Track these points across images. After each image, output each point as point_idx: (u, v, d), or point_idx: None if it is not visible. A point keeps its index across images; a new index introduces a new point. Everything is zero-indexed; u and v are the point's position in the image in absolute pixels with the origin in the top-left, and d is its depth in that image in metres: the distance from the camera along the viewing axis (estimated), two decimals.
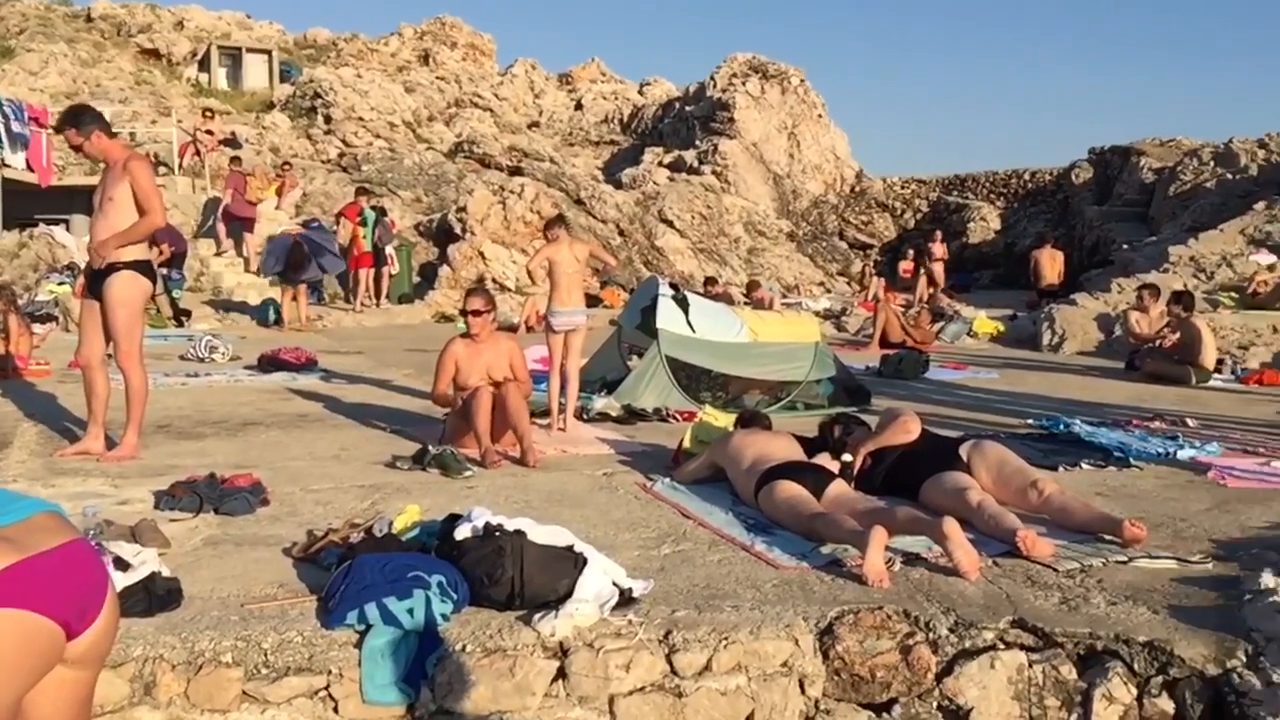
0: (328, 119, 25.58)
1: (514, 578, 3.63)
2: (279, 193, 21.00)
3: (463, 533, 3.83)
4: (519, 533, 3.77)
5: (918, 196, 29.41)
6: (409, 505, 4.59)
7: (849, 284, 24.22)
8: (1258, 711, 3.18)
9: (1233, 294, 14.50)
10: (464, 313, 6.81)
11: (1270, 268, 14.96)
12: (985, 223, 26.93)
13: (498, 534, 3.76)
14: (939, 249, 21.91)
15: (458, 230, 20.06)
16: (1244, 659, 3.36)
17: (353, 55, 31.98)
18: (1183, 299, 11.22)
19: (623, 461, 6.39)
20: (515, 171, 23.67)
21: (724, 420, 6.31)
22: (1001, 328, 15.35)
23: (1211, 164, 22.03)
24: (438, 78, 31.11)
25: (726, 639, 3.52)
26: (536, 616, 3.54)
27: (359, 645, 3.40)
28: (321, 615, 3.57)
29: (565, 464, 6.32)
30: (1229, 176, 21.18)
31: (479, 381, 6.47)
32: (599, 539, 4.53)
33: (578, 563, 3.76)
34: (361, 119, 25.64)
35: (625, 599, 3.73)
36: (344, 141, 25.07)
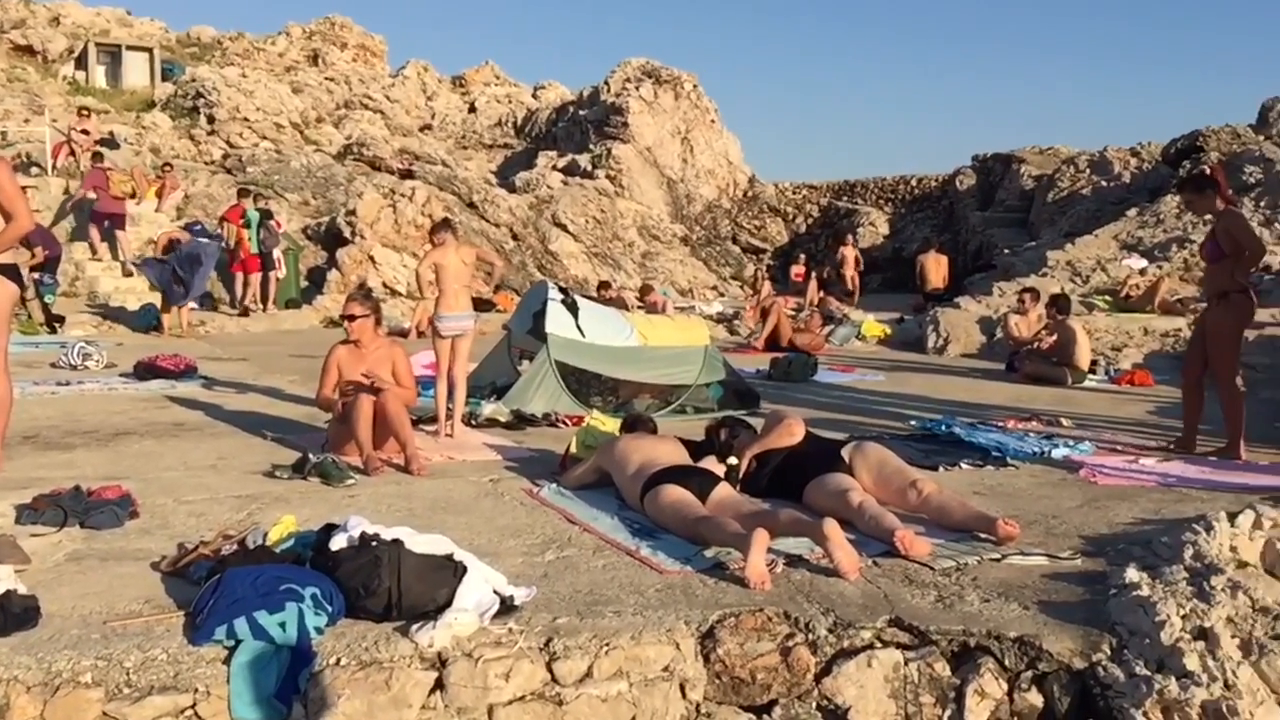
0: (211, 119, 24.91)
1: (391, 588, 3.55)
2: (159, 194, 20.37)
3: (338, 543, 3.74)
4: (396, 542, 3.70)
5: (809, 202, 29.88)
6: (285, 516, 4.47)
7: (742, 288, 24.46)
8: (1121, 703, 3.28)
9: (1107, 297, 15.02)
10: (343, 318, 6.70)
11: (1141, 272, 15.54)
12: (874, 228, 27.47)
13: (374, 544, 3.68)
14: (851, 252, 22.23)
15: (347, 234, 19.70)
16: (1108, 652, 3.46)
17: (238, 54, 31.23)
18: (1058, 302, 11.57)
19: (510, 467, 6.33)
20: (406, 174, 23.36)
21: (610, 425, 6.30)
22: (889, 331, 15.64)
23: (1088, 172, 22.82)
24: (327, 78, 30.55)
25: (608, 645, 3.50)
26: (414, 627, 3.47)
27: (228, 662, 3.30)
28: (189, 631, 3.45)
29: (451, 471, 6.23)
30: (1104, 184, 21.97)
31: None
32: (482, 546, 4.48)
33: (457, 571, 3.70)
34: (247, 119, 25.03)
35: (506, 607, 3.69)
36: (228, 142, 24.43)
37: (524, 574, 4.14)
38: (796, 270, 23.20)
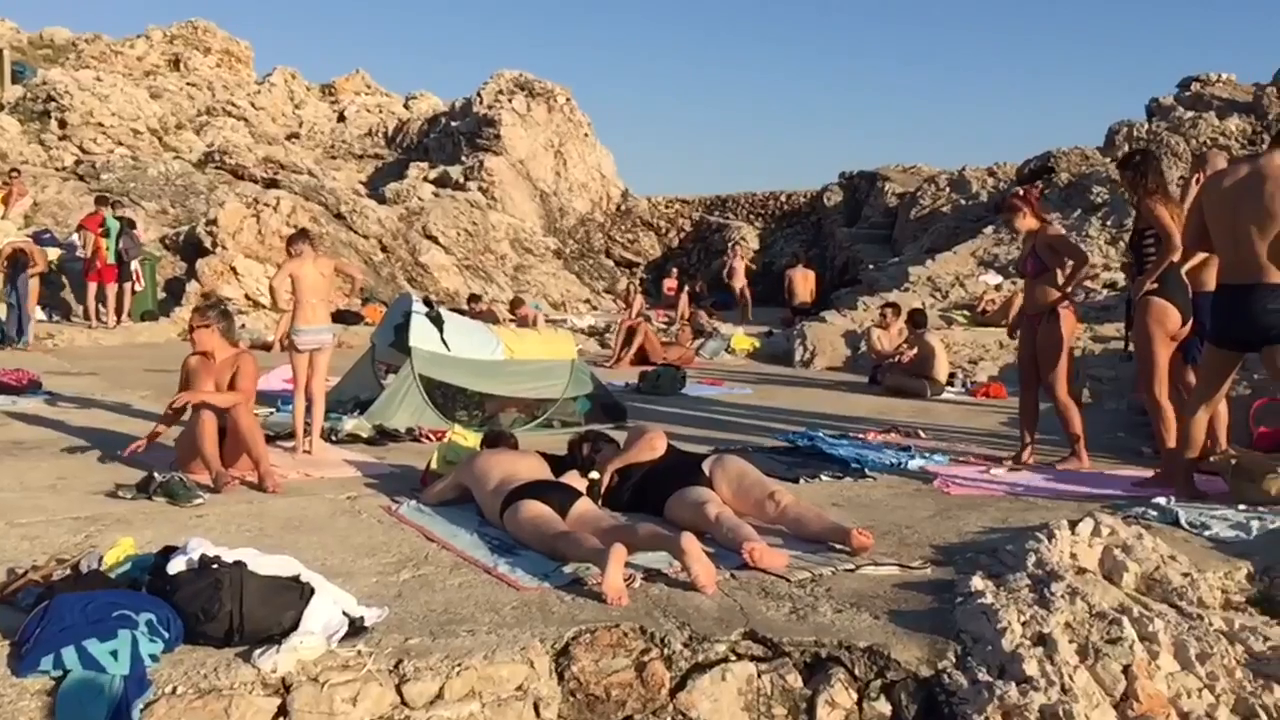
0: (63, 123, 23.89)
1: (232, 612, 3.42)
2: (5, 202, 19.41)
3: (176, 566, 3.58)
4: (239, 564, 3.56)
5: (681, 216, 30.15)
6: (124, 538, 4.28)
7: (615, 301, 24.53)
8: (965, 709, 3.35)
9: (965, 312, 15.52)
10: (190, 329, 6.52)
11: (997, 287, 16.11)
12: (745, 242, 27.84)
13: (215, 566, 3.54)
14: (741, 264, 22.26)
15: (207, 244, 19.10)
16: (953, 659, 3.54)
17: (94, 57, 30.08)
18: (914, 317, 11.91)
19: (369, 484, 6.19)
20: (271, 184, 22.78)
21: (472, 440, 6.23)
22: (758, 344, 15.87)
23: (948, 190, 23.57)
24: (188, 84, 29.65)
25: (460, 665, 3.43)
26: (257, 652, 3.35)
27: (54, 693, 3.12)
28: (12, 662, 3.26)
29: (307, 488, 6.07)
30: (962, 202, 22.72)
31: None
32: (335, 566, 4.37)
33: (304, 593, 3.58)
34: (101, 124, 24.08)
35: (356, 629, 3.59)
36: (81, 148, 23.46)
37: (377, 594, 4.05)
38: (669, 284, 23.38)
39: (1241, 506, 5.30)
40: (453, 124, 29.23)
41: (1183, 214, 6.14)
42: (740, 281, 22.30)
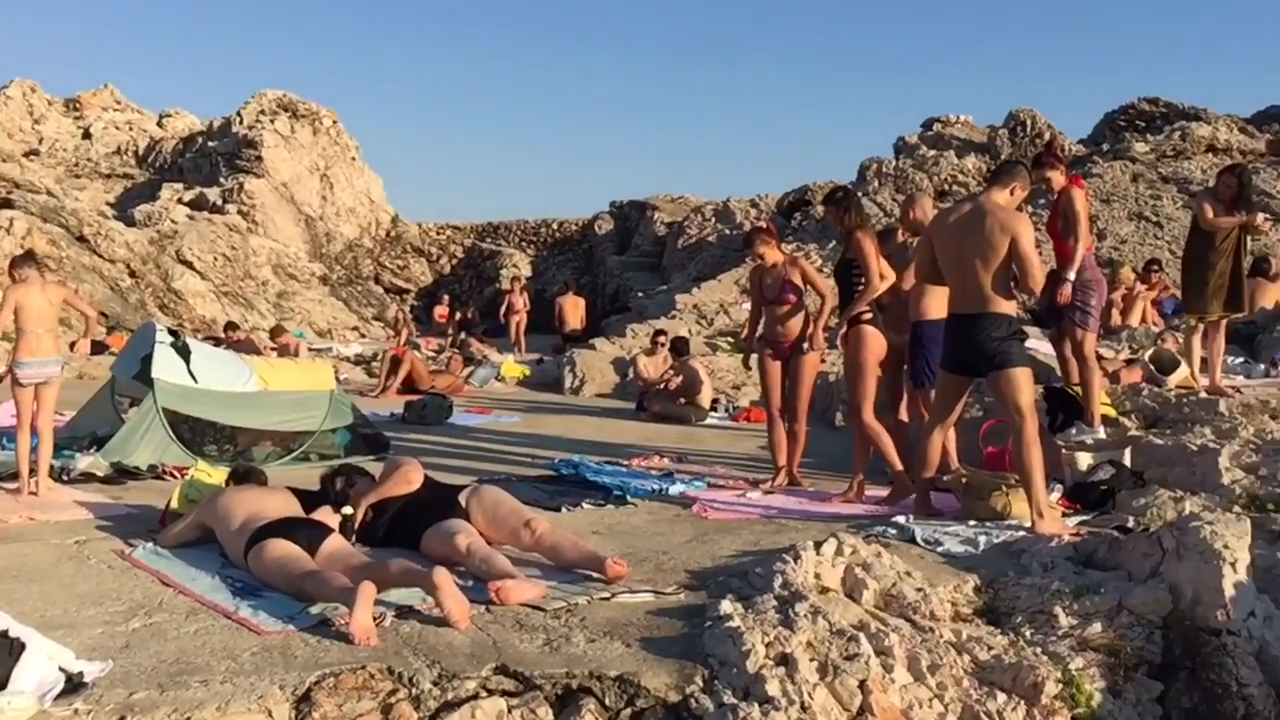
0: None
1: None
2: None
3: None
4: None
5: (453, 242, 29.93)
6: None
7: (384, 329, 24.03)
8: None
9: (729, 339, 15.98)
10: None
11: None
12: (517, 269, 27.87)
13: None
14: (521, 300, 21.58)
15: None
16: (701, 684, 3.59)
17: None
18: (676, 344, 12.18)
19: (102, 526, 5.78)
20: (4, 204, 21.15)
21: (217, 476, 5.92)
22: (528, 372, 15.83)
23: (713, 220, 24.35)
24: None
25: (189, 719, 3.23)
26: None
27: None
28: None
29: (30, 533, 5.61)
30: (727, 231, 23.50)
31: None
32: (55, 618, 4.06)
33: (13, 649, 3.30)
34: None
35: (74, 685, 3.33)
36: None
37: (102, 646, 3.77)
38: (440, 311, 23.09)
39: (971, 523, 5.64)
40: (210, 144, 27.99)
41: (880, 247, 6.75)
42: (517, 318, 21.87)
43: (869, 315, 6.74)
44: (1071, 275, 7.11)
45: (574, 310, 20.68)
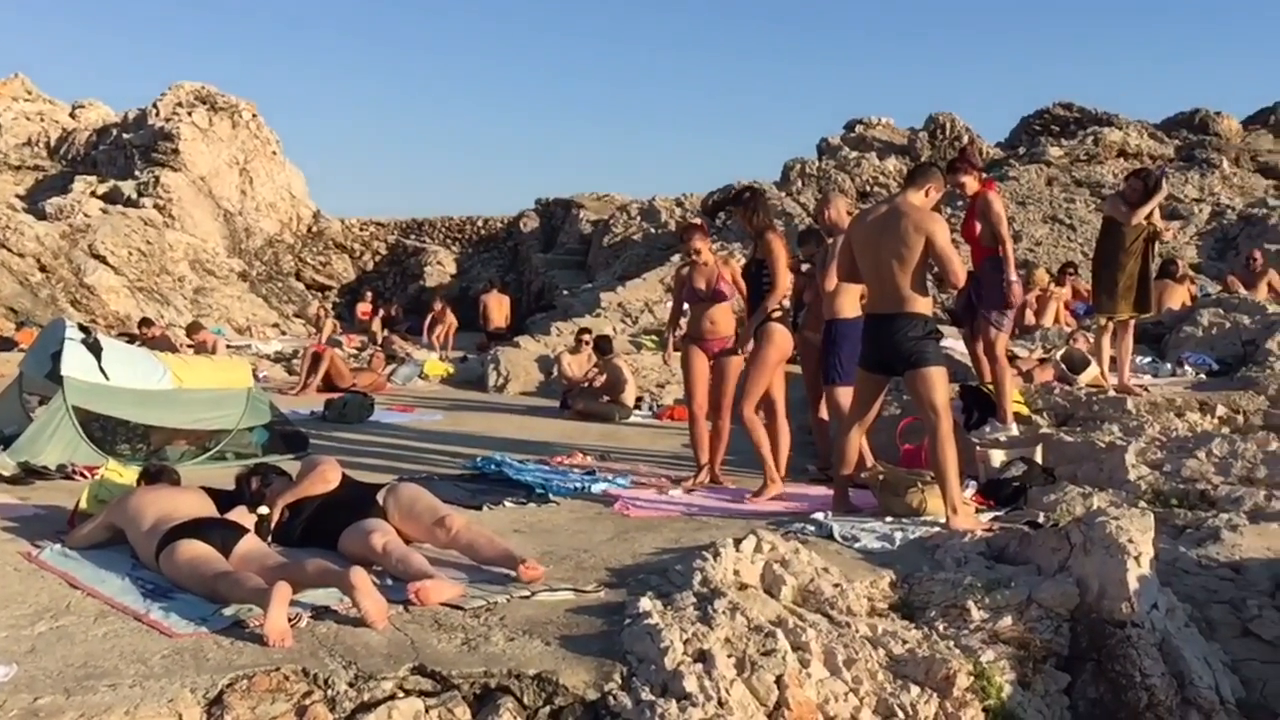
0: None
1: None
2: None
3: None
4: None
5: (376, 239, 29.58)
6: None
7: (305, 326, 23.66)
8: None
9: (654, 337, 16.01)
10: None
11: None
12: (441, 267, 27.66)
13: None
14: (449, 315, 20.78)
15: None
16: (619, 681, 3.60)
17: None
18: (599, 343, 12.20)
19: (7, 528, 5.59)
20: None
21: (128, 476, 5.79)
22: (452, 370, 15.71)
23: (639, 219, 24.38)
24: None
25: None
26: None
27: None
28: None
29: None
30: (653, 230, 23.55)
31: None
32: None
33: None
34: None
35: None
36: None
37: (6, 650, 3.69)
38: (363, 308, 22.79)
39: (888, 519, 5.73)
40: (125, 136, 27.30)
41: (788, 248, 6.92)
42: (446, 328, 21.19)
43: (778, 314, 6.87)
44: (1013, 276, 7.36)
45: (498, 308, 20.57)
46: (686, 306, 7.37)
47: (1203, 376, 9.53)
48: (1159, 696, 4.07)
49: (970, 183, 7.52)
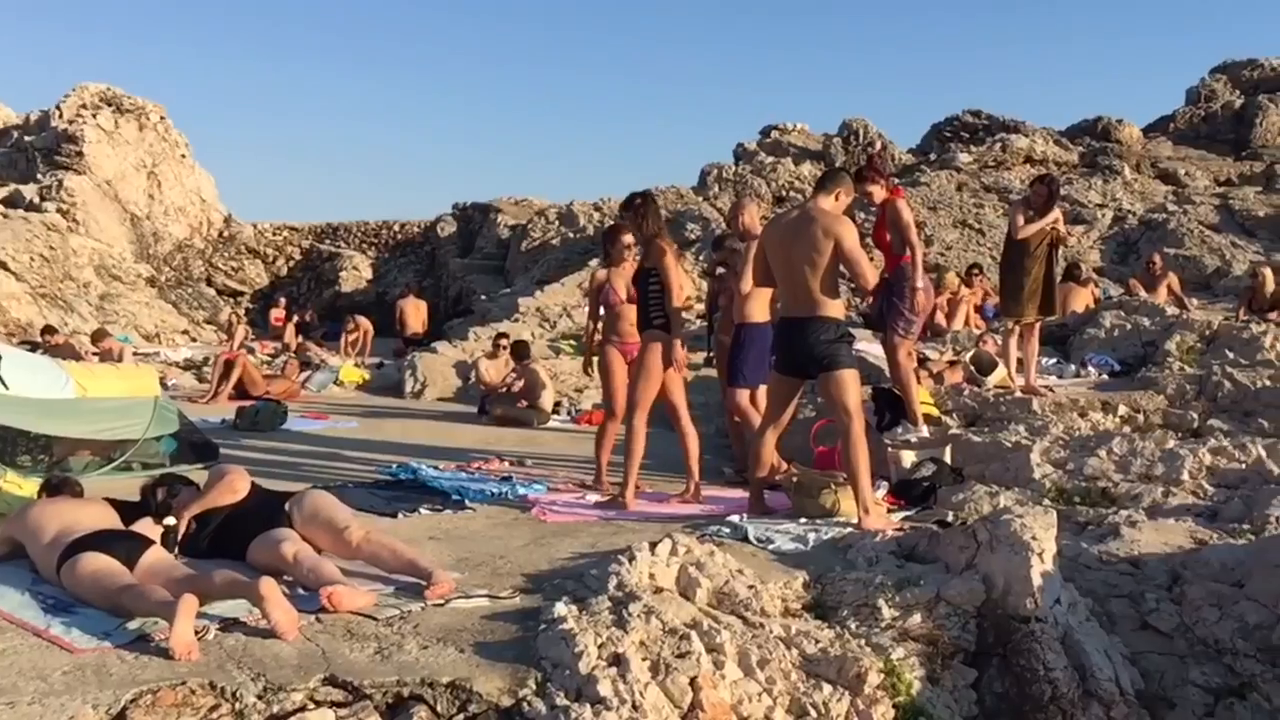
0: None
1: None
2: None
3: None
4: None
5: (290, 244, 29.11)
6: None
7: (217, 332, 23.19)
8: None
9: (572, 341, 16.00)
10: None
11: None
12: (357, 272, 27.33)
13: None
14: (366, 323, 20.14)
15: None
16: (534, 686, 3.60)
17: None
18: (516, 349, 12.16)
19: None
20: None
21: (29, 488, 5.63)
22: (368, 376, 15.52)
23: (557, 223, 24.32)
24: None
25: None
26: None
27: None
28: None
29: None
30: (571, 235, 23.51)
31: None
32: None
33: None
34: None
35: None
36: None
37: None
38: (276, 314, 22.42)
39: (802, 520, 5.81)
40: (27, 139, 26.51)
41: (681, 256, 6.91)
42: (355, 335, 20.71)
43: (660, 321, 6.77)
44: (919, 282, 7.48)
45: (415, 313, 20.36)
46: (603, 310, 7.37)
47: (1105, 377, 9.81)
48: (1062, 689, 4.18)
49: (877, 191, 7.65)
